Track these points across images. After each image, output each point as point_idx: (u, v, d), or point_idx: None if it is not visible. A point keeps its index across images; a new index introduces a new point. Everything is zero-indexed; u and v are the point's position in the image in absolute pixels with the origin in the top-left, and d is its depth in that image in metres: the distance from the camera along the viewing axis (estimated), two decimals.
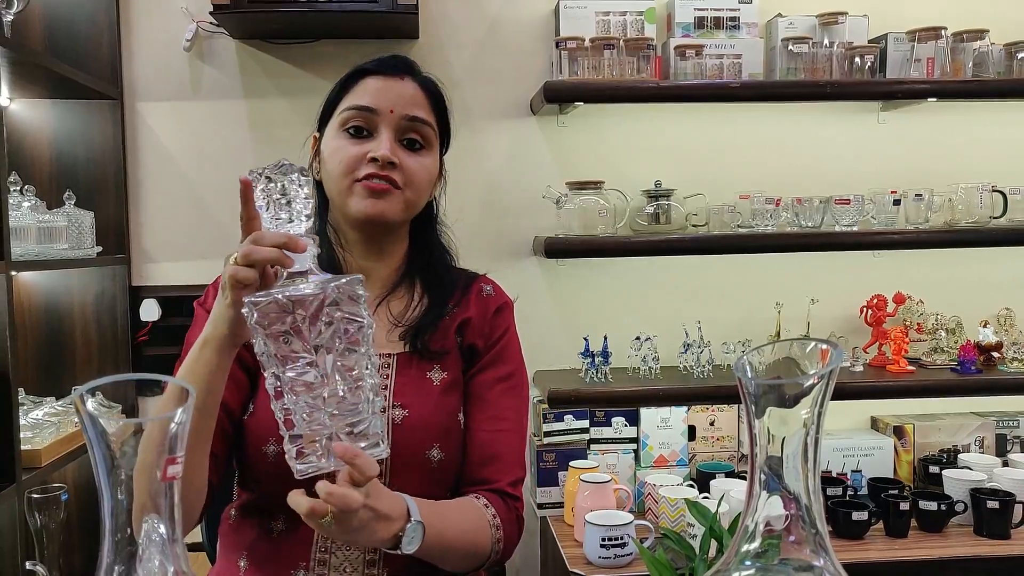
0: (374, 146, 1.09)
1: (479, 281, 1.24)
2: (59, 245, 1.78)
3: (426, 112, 1.13)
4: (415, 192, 1.12)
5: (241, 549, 1.12)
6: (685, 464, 2.21)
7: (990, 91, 2.11)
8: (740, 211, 2.12)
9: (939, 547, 1.94)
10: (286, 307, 0.81)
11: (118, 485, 0.54)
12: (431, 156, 1.14)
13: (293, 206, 0.87)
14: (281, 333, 0.81)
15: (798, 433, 0.64)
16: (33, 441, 1.68)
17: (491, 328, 1.19)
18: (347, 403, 0.83)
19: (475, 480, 1.15)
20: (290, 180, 0.86)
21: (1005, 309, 2.31)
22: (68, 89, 1.97)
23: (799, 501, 0.64)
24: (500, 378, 1.18)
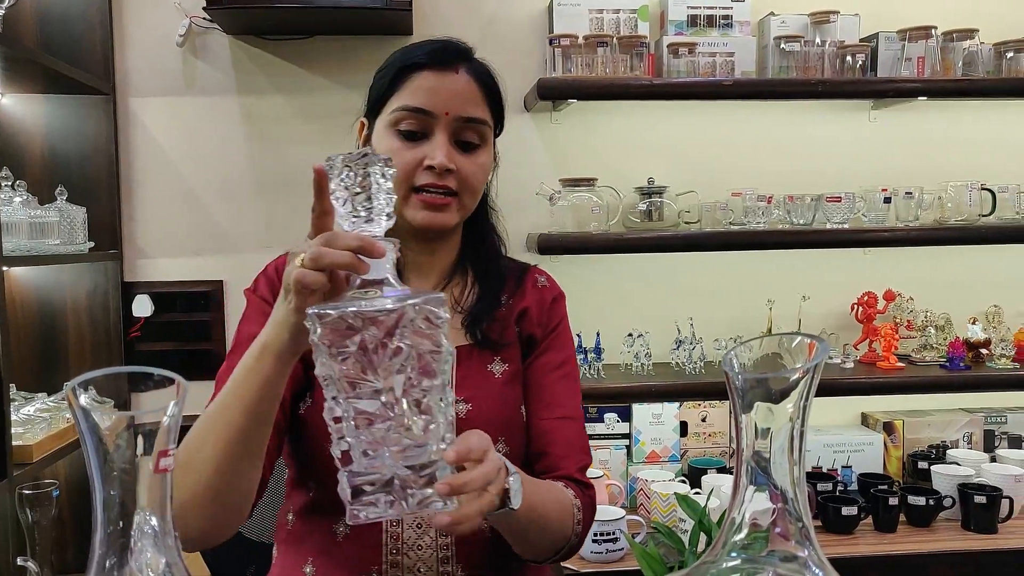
0: (429, 151, 1.05)
1: (532, 272, 1.23)
2: (51, 240, 1.78)
3: (481, 109, 1.09)
4: (471, 195, 1.10)
5: (306, 555, 1.08)
6: (677, 460, 2.22)
7: (980, 90, 2.13)
8: (732, 208, 2.14)
9: (927, 541, 1.97)
10: (355, 325, 0.71)
11: (110, 478, 0.54)
12: (486, 152, 1.11)
13: (373, 203, 0.77)
14: (347, 353, 0.71)
15: (784, 427, 0.65)
16: (24, 437, 1.68)
17: (548, 317, 1.18)
18: (415, 442, 0.73)
19: (541, 470, 1.12)
20: (373, 172, 0.76)
21: (994, 306, 2.33)
22: (61, 84, 1.97)
23: (785, 495, 0.65)
24: (556, 365, 1.16)
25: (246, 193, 2.18)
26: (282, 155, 2.18)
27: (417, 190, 1.05)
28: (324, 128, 2.18)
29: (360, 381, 0.72)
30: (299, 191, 2.19)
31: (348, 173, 0.76)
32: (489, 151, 1.12)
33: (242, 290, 1.14)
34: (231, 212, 2.18)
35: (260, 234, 2.19)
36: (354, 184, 0.76)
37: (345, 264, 0.76)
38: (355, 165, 0.76)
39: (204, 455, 0.86)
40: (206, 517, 0.89)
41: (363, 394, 0.72)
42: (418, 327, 0.72)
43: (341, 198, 0.77)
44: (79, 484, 2.11)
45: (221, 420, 0.86)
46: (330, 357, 0.71)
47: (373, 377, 0.72)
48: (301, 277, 0.77)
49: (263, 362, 0.84)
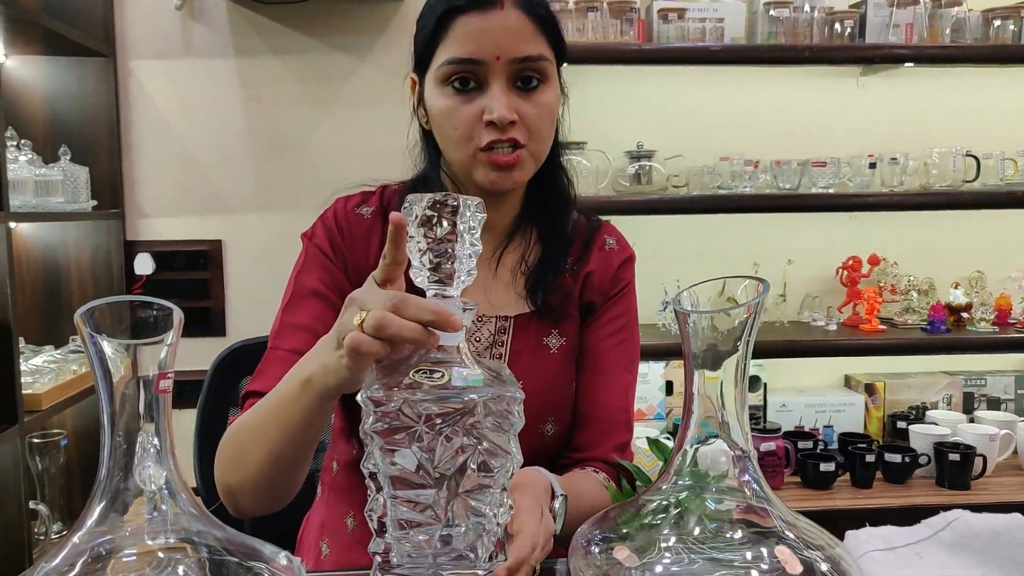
0: (487, 103, 0.94)
1: (602, 232, 1.12)
2: (56, 198, 1.83)
3: (537, 44, 0.95)
4: (540, 141, 0.98)
5: (348, 507, 1.05)
6: (662, 418, 2.29)
7: (967, 57, 2.16)
8: (720, 173, 2.18)
9: (902, 496, 2.04)
10: (413, 418, 0.62)
11: (115, 397, 0.60)
12: (551, 89, 0.98)
13: (455, 264, 0.65)
14: (399, 445, 0.63)
15: (731, 361, 0.70)
16: (34, 386, 1.74)
17: (612, 283, 1.09)
18: (461, 547, 0.65)
19: (576, 445, 1.06)
20: (461, 221, 0.65)
21: (976, 271, 2.38)
22: (62, 46, 2.01)
23: (728, 425, 0.71)
24: (610, 334, 1.08)
25: (243, 154, 2.23)
26: (278, 117, 2.23)
27: (483, 148, 0.95)
28: (319, 90, 2.22)
29: (411, 480, 0.64)
30: (294, 151, 2.24)
31: (428, 226, 0.65)
32: (554, 87, 0.99)
33: (240, 249, 1.09)
34: (228, 173, 2.23)
35: (256, 194, 2.24)
36: (434, 237, 0.65)
37: (413, 339, 0.66)
38: (441, 214, 0.64)
39: (252, 457, 0.86)
40: (256, 500, 0.90)
41: (412, 492, 0.64)
42: (486, 424, 0.64)
43: (418, 250, 0.66)
44: (86, 434, 2.19)
45: (263, 435, 0.84)
46: (383, 450, 0.63)
47: (425, 476, 0.63)
48: (358, 346, 0.67)
49: (304, 399, 0.78)
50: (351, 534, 1.06)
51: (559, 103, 1.02)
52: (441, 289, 0.66)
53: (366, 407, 0.63)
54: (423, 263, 0.66)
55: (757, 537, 0.70)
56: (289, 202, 2.25)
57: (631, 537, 0.73)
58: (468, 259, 0.66)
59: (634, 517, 0.74)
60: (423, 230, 0.65)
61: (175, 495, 0.63)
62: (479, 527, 0.65)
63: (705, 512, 0.72)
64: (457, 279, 0.66)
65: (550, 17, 0.98)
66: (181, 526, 0.63)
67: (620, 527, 0.74)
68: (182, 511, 0.63)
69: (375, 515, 0.66)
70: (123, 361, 0.61)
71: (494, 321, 1.03)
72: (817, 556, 0.68)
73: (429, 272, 0.66)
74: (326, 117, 2.23)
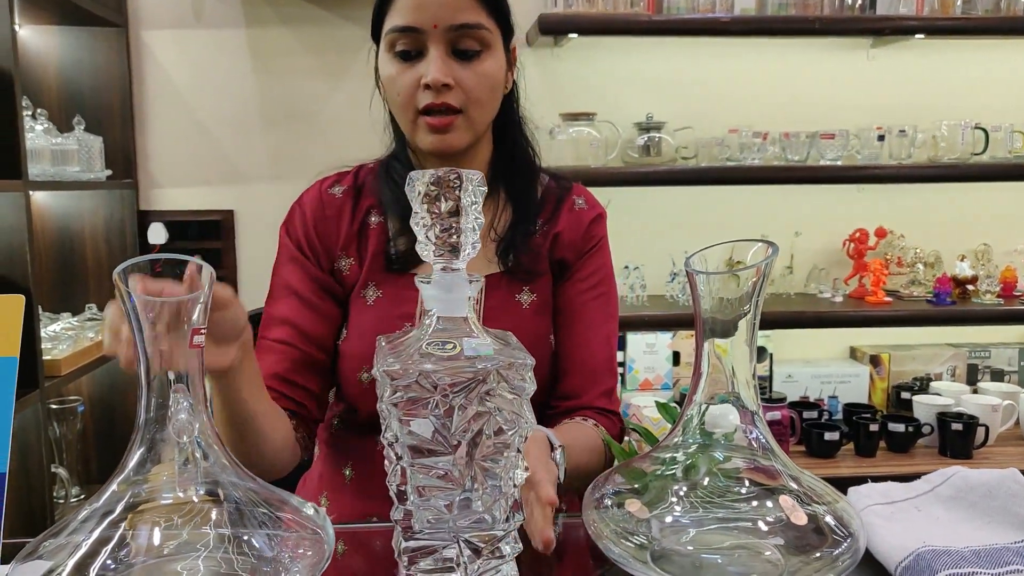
0: (424, 68, 0.99)
1: (572, 193, 1.15)
2: (72, 168, 1.85)
3: (475, 13, 0.99)
4: (479, 108, 1.02)
5: (346, 459, 1.10)
6: (669, 388, 2.32)
7: (978, 28, 2.16)
8: (728, 144, 2.19)
9: (904, 465, 2.07)
10: (429, 388, 0.64)
11: (152, 354, 0.64)
12: (492, 58, 1.02)
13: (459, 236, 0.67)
14: (417, 411, 0.65)
15: (742, 321, 0.72)
16: (52, 352, 1.78)
17: (583, 240, 1.12)
18: (480, 510, 0.68)
19: (563, 394, 1.10)
20: (461, 196, 0.67)
21: (983, 244, 2.40)
22: (75, 16, 2.02)
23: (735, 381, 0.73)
24: (588, 288, 1.12)
25: (254, 124, 2.25)
26: (288, 87, 2.24)
27: (423, 112, 1.01)
28: (329, 61, 2.23)
29: (430, 449, 0.66)
30: (305, 122, 2.26)
31: (432, 196, 0.67)
32: (495, 57, 1.03)
33: (252, 219, 1.15)
34: (240, 143, 2.25)
35: (267, 165, 2.26)
36: (440, 212, 0.66)
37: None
38: (443, 186, 0.66)
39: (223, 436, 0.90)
40: (250, 466, 0.95)
41: (431, 459, 0.66)
42: (500, 391, 0.66)
43: (423, 225, 0.67)
44: (102, 400, 2.23)
45: (219, 420, 0.89)
46: (399, 423, 0.65)
47: (443, 443, 0.65)
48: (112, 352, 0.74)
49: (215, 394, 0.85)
50: (349, 484, 1.10)
51: (503, 74, 1.06)
52: (448, 263, 0.68)
53: (382, 380, 0.65)
54: (428, 238, 0.67)
55: (764, 491, 0.73)
56: (300, 173, 2.24)
57: (642, 491, 0.75)
58: (472, 232, 0.67)
59: (645, 472, 0.77)
60: (427, 206, 0.66)
61: (207, 447, 0.66)
62: (496, 490, 0.67)
63: (714, 467, 0.75)
64: (463, 252, 0.67)
65: None
66: (213, 477, 0.66)
67: (631, 482, 0.77)
68: (214, 462, 0.66)
69: (394, 484, 0.68)
70: (159, 319, 0.64)
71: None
72: (821, 509, 0.71)
73: (435, 247, 0.67)
74: (337, 88, 2.24)
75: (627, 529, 0.72)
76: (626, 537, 0.71)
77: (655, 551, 0.70)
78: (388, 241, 1.08)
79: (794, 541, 0.69)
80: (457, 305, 0.68)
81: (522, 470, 0.70)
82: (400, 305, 1.06)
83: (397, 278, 1.07)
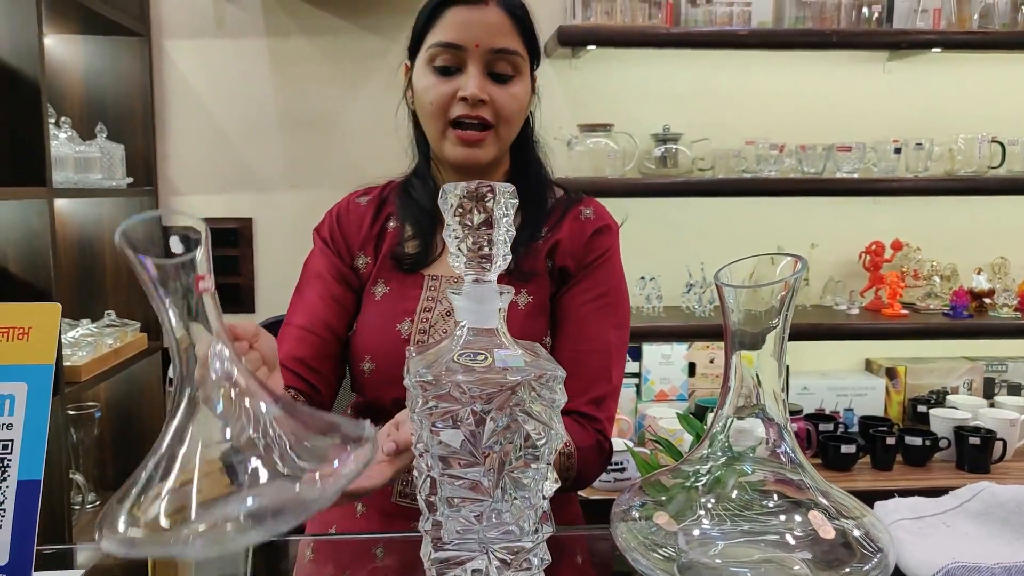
0: (463, 83, 1.08)
1: (580, 204, 1.20)
2: (94, 175, 1.87)
3: (513, 40, 1.10)
4: (508, 127, 1.12)
5: None
6: (685, 399, 2.32)
7: (994, 43, 2.15)
8: (745, 156, 2.19)
9: (921, 479, 2.06)
10: (461, 400, 0.64)
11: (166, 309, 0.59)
12: (521, 83, 1.12)
13: (492, 249, 0.68)
14: (449, 422, 0.65)
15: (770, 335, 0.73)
16: (72, 358, 1.79)
17: (586, 250, 1.15)
18: (509, 521, 0.68)
19: None
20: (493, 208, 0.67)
21: (1000, 257, 2.39)
22: (99, 25, 2.04)
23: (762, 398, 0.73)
24: (591, 298, 1.14)
25: (273, 133, 2.26)
26: (308, 96, 2.25)
27: (453, 125, 1.09)
28: (348, 70, 2.25)
29: (458, 457, 0.66)
30: (324, 131, 2.27)
31: (465, 209, 0.67)
32: (524, 82, 1.13)
33: (270, 227, 1.22)
34: (259, 151, 2.27)
35: (286, 173, 2.27)
36: (472, 225, 0.67)
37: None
38: (476, 199, 0.67)
39: None
40: None
41: (460, 470, 0.66)
42: (531, 403, 0.66)
43: (455, 238, 0.68)
44: (118, 406, 2.25)
45: None
46: (431, 433, 0.66)
47: (472, 454, 0.66)
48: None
49: None
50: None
51: (529, 99, 1.16)
52: (479, 274, 0.68)
53: (414, 391, 0.65)
54: (460, 250, 0.68)
55: (792, 505, 0.73)
56: (319, 181, 2.28)
57: (669, 504, 0.76)
58: (503, 244, 0.68)
59: (673, 485, 0.77)
60: (459, 218, 0.67)
61: (238, 384, 0.61)
62: (525, 502, 0.68)
63: (742, 480, 0.75)
64: (494, 264, 0.68)
65: (527, 20, 1.13)
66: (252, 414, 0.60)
67: (659, 494, 0.77)
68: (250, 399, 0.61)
69: (424, 494, 0.68)
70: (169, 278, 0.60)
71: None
72: (849, 524, 0.71)
73: (467, 259, 0.68)
74: (356, 97, 2.26)
75: (655, 541, 0.72)
76: (654, 549, 0.71)
77: (683, 563, 0.70)
78: (400, 243, 1.17)
79: (822, 556, 0.69)
80: (488, 316, 0.69)
81: (552, 482, 0.70)
82: (402, 301, 1.13)
83: (404, 277, 1.15)
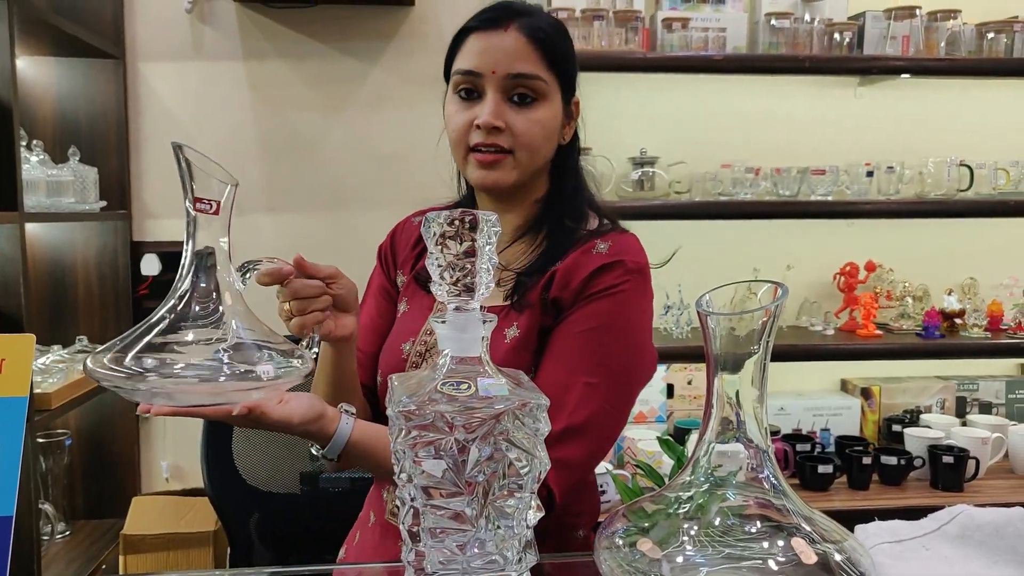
0: (480, 109, 1.07)
1: (602, 238, 1.11)
2: (66, 199, 1.85)
3: (532, 64, 1.07)
4: (527, 152, 1.08)
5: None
6: (663, 420, 2.32)
7: (961, 69, 2.21)
8: (721, 179, 2.22)
9: (897, 498, 2.08)
10: (444, 429, 0.64)
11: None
12: (545, 107, 1.08)
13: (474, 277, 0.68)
14: (430, 456, 0.65)
15: (750, 361, 0.73)
16: (43, 385, 1.76)
17: (585, 285, 1.06)
18: (493, 551, 0.68)
19: None
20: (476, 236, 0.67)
21: (969, 278, 2.43)
22: (72, 48, 2.03)
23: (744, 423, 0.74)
24: (578, 331, 1.04)
25: (251, 156, 2.25)
26: (287, 120, 2.25)
27: (473, 149, 1.08)
28: (327, 93, 2.24)
29: (441, 488, 0.65)
30: (302, 155, 2.27)
31: (448, 237, 0.67)
32: (549, 106, 1.09)
33: (248, 251, 1.21)
34: (237, 176, 2.22)
35: (265, 197, 2.26)
36: (456, 253, 0.67)
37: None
38: (459, 227, 0.67)
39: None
40: None
41: (443, 500, 0.66)
42: (514, 432, 0.66)
43: (438, 265, 0.68)
44: (89, 433, 2.20)
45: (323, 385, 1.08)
46: (413, 463, 0.65)
47: (456, 483, 0.65)
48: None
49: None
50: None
51: (557, 123, 1.11)
52: (462, 303, 0.68)
53: (397, 422, 0.65)
54: (444, 278, 0.67)
55: (774, 530, 0.73)
56: (298, 205, 2.27)
57: (653, 530, 0.75)
58: (486, 272, 0.68)
59: (655, 511, 0.77)
60: (441, 246, 0.67)
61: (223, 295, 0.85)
62: (509, 531, 0.67)
63: (724, 506, 0.75)
64: (477, 292, 0.68)
65: (551, 44, 1.08)
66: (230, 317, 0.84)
67: (642, 521, 0.77)
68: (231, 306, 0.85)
69: (407, 525, 0.67)
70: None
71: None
72: (831, 548, 0.71)
73: (450, 286, 0.67)
74: (335, 121, 2.26)
75: (639, 568, 0.72)
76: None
77: None
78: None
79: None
80: (471, 345, 0.69)
81: (535, 511, 0.70)
82: (412, 321, 1.16)
83: (424, 297, 1.16)
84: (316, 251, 1.30)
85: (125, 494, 2.15)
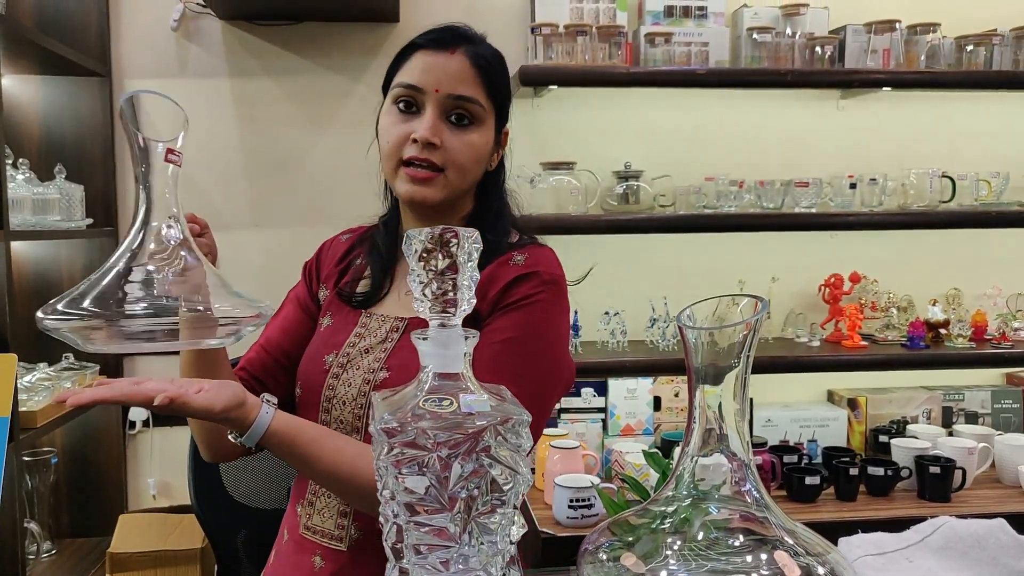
0: (417, 124, 1.09)
1: (519, 250, 1.15)
2: (52, 217, 1.84)
3: (473, 88, 1.11)
4: (458, 172, 1.11)
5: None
6: (650, 433, 2.32)
7: (941, 82, 2.24)
8: (705, 192, 2.23)
9: (884, 509, 2.08)
10: (426, 446, 0.64)
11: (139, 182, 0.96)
12: (479, 132, 1.13)
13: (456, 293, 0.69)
14: (412, 472, 0.65)
15: (731, 374, 0.74)
16: (28, 403, 1.75)
17: (502, 295, 1.09)
18: (476, 567, 0.67)
19: None
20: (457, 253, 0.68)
21: (953, 289, 2.45)
22: (58, 66, 2.03)
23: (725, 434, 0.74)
24: (493, 342, 1.06)
25: (237, 173, 2.25)
26: (271, 136, 2.25)
27: (405, 163, 1.10)
28: (312, 110, 2.25)
29: (424, 504, 0.65)
30: (287, 171, 2.27)
31: (429, 254, 0.68)
32: (483, 132, 1.13)
33: (234, 268, 1.27)
34: (222, 191, 2.25)
35: (251, 214, 2.26)
36: (436, 270, 0.68)
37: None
38: (439, 244, 0.67)
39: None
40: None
41: (426, 517, 0.66)
42: (497, 448, 0.66)
43: (419, 283, 0.68)
44: (75, 452, 2.19)
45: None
46: (395, 480, 0.65)
47: (439, 500, 0.65)
48: None
49: None
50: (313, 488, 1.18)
51: (488, 149, 1.16)
52: (444, 319, 0.69)
53: (380, 439, 0.65)
54: (425, 295, 0.68)
55: (757, 543, 0.73)
56: (284, 221, 2.27)
57: (637, 544, 0.76)
58: (468, 288, 0.69)
59: (639, 525, 0.77)
60: (423, 263, 0.68)
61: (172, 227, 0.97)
62: (492, 546, 0.67)
63: (707, 519, 0.75)
64: (459, 308, 0.69)
65: (494, 73, 1.14)
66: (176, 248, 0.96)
67: (626, 535, 0.77)
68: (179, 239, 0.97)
69: (390, 542, 0.67)
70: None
71: (391, 321, 1.15)
72: (814, 561, 0.72)
73: (431, 303, 0.68)
74: (321, 137, 2.26)
75: None
76: None
77: None
78: (352, 281, 1.21)
79: None
80: (453, 361, 0.69)
81: (519, 526, 0.70)
82: (336, 335, 1.17)
83: (348, 312, 1.18)
84: (300, 267, 1.31)
85: (112, 512, 2.13)
